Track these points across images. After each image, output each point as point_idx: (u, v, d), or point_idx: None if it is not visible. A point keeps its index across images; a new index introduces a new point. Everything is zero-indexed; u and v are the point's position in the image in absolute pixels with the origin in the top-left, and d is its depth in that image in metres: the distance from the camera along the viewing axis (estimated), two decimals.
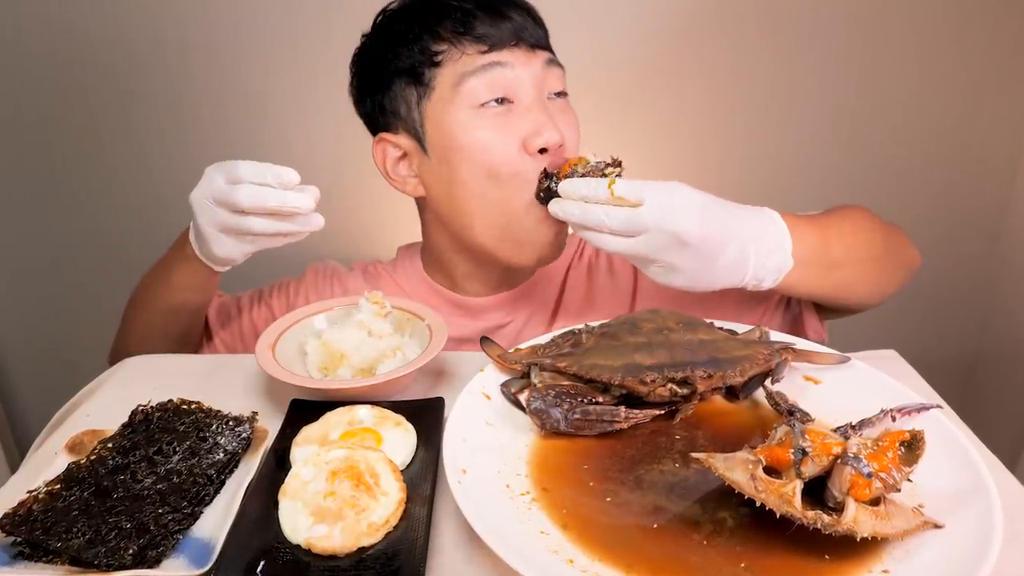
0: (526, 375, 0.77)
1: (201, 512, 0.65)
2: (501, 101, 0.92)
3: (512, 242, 0.96)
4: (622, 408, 0.71)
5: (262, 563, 0.58)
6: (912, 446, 0.60)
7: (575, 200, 0.81)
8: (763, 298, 1.00)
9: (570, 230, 1.01)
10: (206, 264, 0.92)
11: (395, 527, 0.61)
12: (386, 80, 0.97)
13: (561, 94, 0.97)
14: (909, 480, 0.59)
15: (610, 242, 0.79)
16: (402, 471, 0.67)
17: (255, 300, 1.13)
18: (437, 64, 0.93)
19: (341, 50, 1.03)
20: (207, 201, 0.83)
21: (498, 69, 0.91)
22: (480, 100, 0.91)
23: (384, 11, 1.00)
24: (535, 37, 0.95)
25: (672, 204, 0.76)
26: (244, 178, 0.80)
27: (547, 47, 0.97)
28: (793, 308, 1.01)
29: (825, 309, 0.99)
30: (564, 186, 0.83)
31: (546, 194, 0.89)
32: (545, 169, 0.91)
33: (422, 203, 1.05)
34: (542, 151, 0.91)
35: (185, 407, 0.75)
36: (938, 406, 0.69)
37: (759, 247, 0.79)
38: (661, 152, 1.85)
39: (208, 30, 1.74)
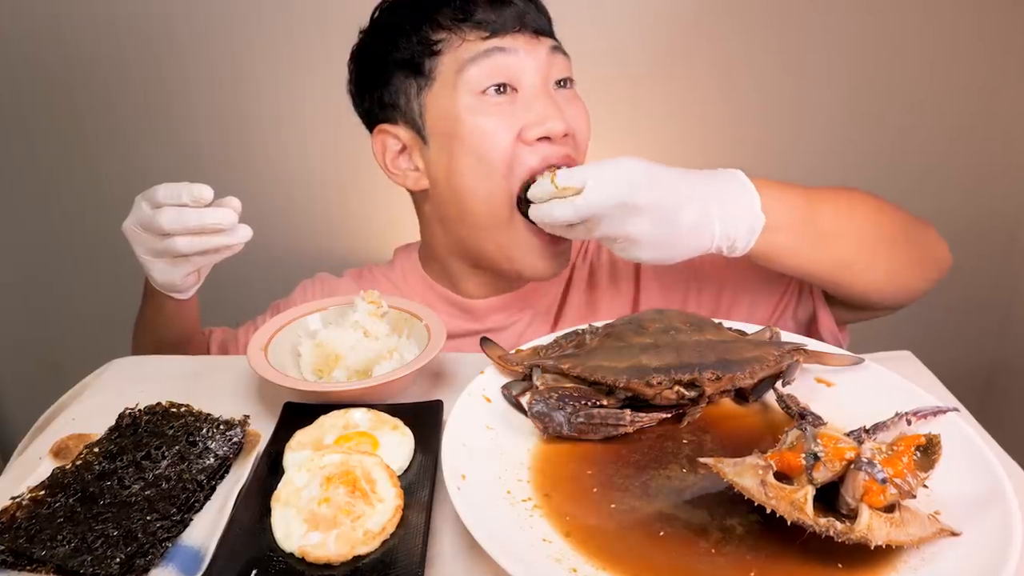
0: (528, 377, 0.75)
1: (191, 519, 0.64)
2: (503, 89, 0.91)
3: (507, 257, 0.96)
4: (627, 411, 0.70)
5: (254, 572, 0.57)
6: (928, 451, 0.59)
7: (536, 204, 0.84)
8: (774, 292, 0.99)
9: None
10: (165, 294, 0.94)
11: (392, 535, 0.60)
12: (386, 74, 0.96)
13: (567, 82, 0.96)
14: (925, 486, 0.58)
15: (575, 232, 0.82)
16: (399, 476, 0.66)
17: (250, 328, 1.13)
18: (437, 53, 0.92)
19: (336, 50, 1.02)
20: (136, 229, 0.86)
21: (500, 55, 0.90)
22: (482, 86, 0.90)
23: (381, 5, 0.99)
24: (538, 23, 0.94)
25: (613, 176, 0.77)
26: (163, 201, 0.81)
27: (551, 34, 0.96)
28: (806, 305, 0.99)
29: (842, 308, 0.97)
30: (529, 194, 0.86)
31: (524, 207, 0.90)
32: (519, 190, 0.91)
33: (420, 198, 1.03)
34: (543, 139, 0.91)
35: (174, 410, 0.74)
36: (955, 409, 0.68)
37: (723, 207, 0.79)
38: (671, 145, 1.84)
39: (201, 28, 1.74)
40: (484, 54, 0.90)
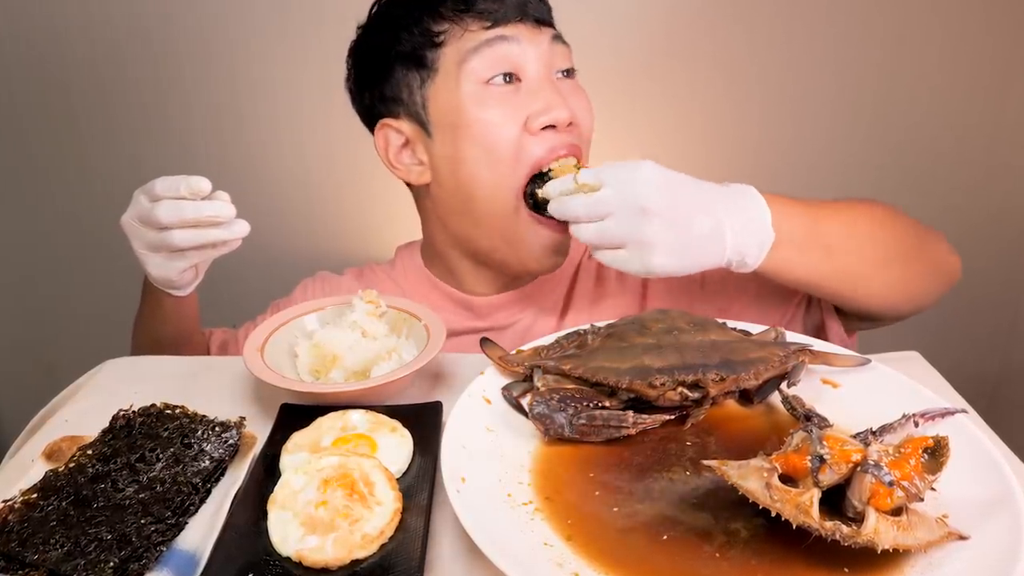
0: (529, 378, 0.75)
1: (186, 523, 0.63)
2: (509, 78, 0.92)
3: (511, 247, 0.96)
4: (630, 413, 0.69)
5: None
6: (936, 453, 0.58)
7: (555, 197, 0.83)
8: (783, 300, 0.98)
9: None
10: (163, 290, 0.93)
11: (390, 538, 0.60)
12: (387, 68, 0.96)
13: (570, 72, 0.97)
14: (933, 489, 0.57)
15: (584, 232, 0.80)
16: (398, 479, 0.66)
17: (250, 328, 1.12)
18: (439, 44, 0.92)
19: (333, 49, 1.02)
20: (134, 223, 0.85)
21: (503, 44, 0.91)
22: (486, 76, 0.91)
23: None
24: (540, 12, 0.94)
25: (632, 178, 0.77)
26: (161, 194, 0.81)
27: (552, 23, 0.97)
28: (814, 314, 0.98)
29: (851, 318, 0.96)
30: (546, 189, 0.86)
31: (533, 202, 0.91)
32: (527, 184, 0.91)
33: (422, 194, 1.03)
34: (548, 128, 0.91)
35: (169, 412, 0.73)
36: (963, 411, 0.68)
37: (735, 220, 0.79)
38: (670, 140, 1.83)
39: (197, 28, 1.73)
40: (486, 43, 0.90)
